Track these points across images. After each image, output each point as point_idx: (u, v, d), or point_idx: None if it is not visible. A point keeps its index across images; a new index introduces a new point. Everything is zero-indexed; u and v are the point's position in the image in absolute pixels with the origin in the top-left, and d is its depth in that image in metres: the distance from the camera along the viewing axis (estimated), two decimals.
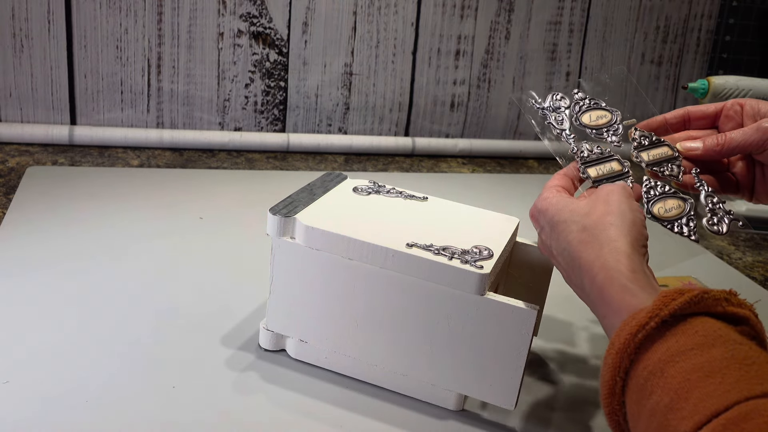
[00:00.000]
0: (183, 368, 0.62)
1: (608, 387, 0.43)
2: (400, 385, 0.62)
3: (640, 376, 0.41)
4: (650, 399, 0.39)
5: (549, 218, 0.55)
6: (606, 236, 0.50)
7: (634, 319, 0.42)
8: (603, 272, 0.48)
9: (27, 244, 0.80)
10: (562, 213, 0.54)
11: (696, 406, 0.36)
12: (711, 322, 0.41)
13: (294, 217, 0.60)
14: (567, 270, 0.53)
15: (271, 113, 1.25)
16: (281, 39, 1.21)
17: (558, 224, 0.54)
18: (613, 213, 0.51)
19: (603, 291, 0.47)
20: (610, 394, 0.43)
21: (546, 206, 0.56)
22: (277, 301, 0.63)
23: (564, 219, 0.53)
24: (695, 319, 0.41)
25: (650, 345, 0.41)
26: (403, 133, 1.33)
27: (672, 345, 0.40)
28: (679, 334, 0.40)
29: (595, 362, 0.70)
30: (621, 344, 0.42)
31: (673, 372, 0.39)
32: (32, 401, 0.56)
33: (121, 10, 1.13)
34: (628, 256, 0.48)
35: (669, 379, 0.39)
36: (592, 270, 0.49)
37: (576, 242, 0.51)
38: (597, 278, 0.48)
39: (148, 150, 1.17)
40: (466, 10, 1.29)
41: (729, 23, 1.43)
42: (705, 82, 1.02)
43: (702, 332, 0.40)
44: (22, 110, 1.14)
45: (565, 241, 0.52)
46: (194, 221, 0.91)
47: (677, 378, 0.38)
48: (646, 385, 0.40)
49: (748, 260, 1.00)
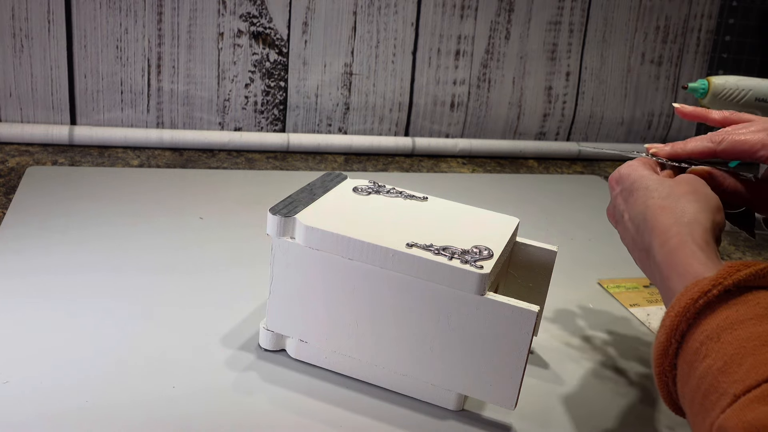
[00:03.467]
0: (183, 368, 0.62)
1: (662, 347, 0.44)
2: (400, 385, 0.62)
3: (696, 339, 0.41)
4: (703, 362, 0.40)
5: (631, 182, 0.56)
6: (688, 207, 0.51)
7: (697, 285, 0.43)
8: (677, 237, 0.49)
9: (27, 244, 0.80)
10: (646, 180, 0.55)
11: (748, 372, 0.37)
12: None
13: (294, 217, 0.60)
14: (635, 233, 0.54)
15: (271, 113, 1.25)
16: (281, 39, 1.21)
17: (639, 189, 0.55)
18: (698, 192, 0.53)
19: (673, 254, 0.48)
20: (662, 355, 0.44)
21: (630, 171, 0.57)
22: (277, 301, 0.63)
23: (647, 185, 0.55)
24: (758, 292, 0.42)
25: (710, 312, 0.42)
26: (403, 133, 1.33)
27: (731, 313, 0.41)
28: (740, 304, 0.41)
29: (595, 363, 0.70)
30: (681, 308, 0.43)
31: (730, 338, 0.39)
32: (32, 401, 0.56)
33: (121, 10, 1.13)
34: (706, 230, 0.49)
35: (725, 345, 0.39)
36: (667, 233, 0.50)
37: (655, 207, 0.52)
38: (670, 241, 0.49)
39: (148, 150, 1.17)
40: (466, 10, 1.29)
41: (729, 23, 1.43)
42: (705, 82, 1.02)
43: (763, 304, 0.41)
44: (22, 110, 1.14)
45: (644, 204, 0.53)
46: (194, 221, 0.91)
47: (733, 344, 0.39)
48: (701, 349, 0.41)
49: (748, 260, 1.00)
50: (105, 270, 0.76)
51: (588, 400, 0.64)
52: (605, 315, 0.80)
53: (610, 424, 0.61)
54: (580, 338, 0.75)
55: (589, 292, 0.85)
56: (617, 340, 0.75)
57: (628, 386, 0.67)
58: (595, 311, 0.81)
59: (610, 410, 0.63)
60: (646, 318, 0.80)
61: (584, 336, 0.75)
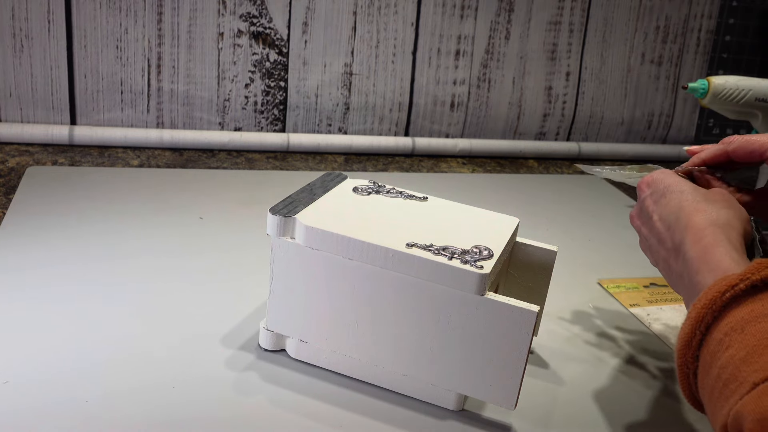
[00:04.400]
0: (183, 368, 0.62)
1: (686, 338, 0.45)
2: (400, 385, 0.62)
3: (721, 331, 0.42)
4: (726, 352, 0.41)
5: (665, 186, 0.58)
6: (723, 213, 0.53)
7: (725, 279, 0.44)
8: (713, 236, 0.50)
9: (27, 244, 0.80)
10: (681, 184, 0.57)
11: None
12: None
13: (294, 217, 0.60)
14: (666, 232, 0.55)
15: (271, 113, 1.25)
16: (281, 39, 1.21)
17: (674, 192, 0.57)
18: (731, 202, 0.55)
19: (707, 249, 0.49)
20: (686, 345, 0.45)
21: (663, 177, 0.59)
22: (277, 301, 0.63)
23: (682, 189, 0.57)
24: None
25: (736, 305, 0.43)
26: (403, 133, 1.33)
27: (757, 307, 0.42)
28: (765, 299, 0.42)
29: (595, 363, 0.70)
30: (708, 300, 0.44)
31: (754, 330, 0.40)
32: (32, 401, 0.56)
33: (121, 10, 1.13)
34: (739, 234, 0.51)
35: (748, 336, 0.40)
36: (702, 231, 0.51)
37: (691, 208, 0.54)
38: (705, 239, 0.50)
39: (148, 150, 1.17)
40: (466, 10, 1.29)
41: (729, 23, 1.43)
42: (705, 82, 1.02)
43: None
44: (22, 110, 1.14)
45: (678, 206, 0.55)
46: (194, 221, 0.91)
47: (756, 336, 0.40)
48: (724, 340, 0.42)
49: None
50: (105, 270, 0.76)
51: (588, 400, 0.64)
52: (605, 315, 0.80)
53: (610, 424, 0.62)
54: (580, 338, 0.75)
55: (589, 292, 0.85)
56: (617, 340, 0.75)
57: (629, 386, 0.67)
58: (595, 311, 0.81)
59: (610, 410, 0.63)
60: (646, 318, 0.80)
61: (584, 336, 0.75)
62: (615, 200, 1.18)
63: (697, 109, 1.48)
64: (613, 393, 0.66)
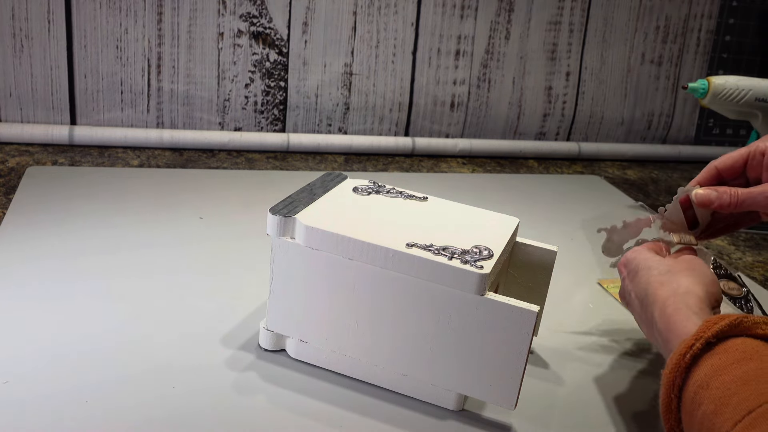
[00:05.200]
0: (183, 368, 0.62)
1: (665, 405, 0.49)
2: (400, 385, 0.62)
3: (691, 390, 0.46)
4: (700, 409, 0.45)
5: (636, 264, 0.62)
6: (684, 281, 0.56)
7: (684, 342, 0.48)
8: (674, 305, 0.54)
9: (27, 244, 0.80)
10: (649, 261, 0.61)
11: (735, 408, 0.42)
12: (749, 341, 0.47)
13: (294, 217, 0.60)
14: (641, 309, 0.60)
15: (271, 113, 1.25)
16: (281, 39, 1.21)
17: (643, 269, 0.61)
18: (695, 269, 0.59)
19: (670, 319, 0.53)
20: (667, 411, 0.49)
21: (635, 255, 0.63)
22: (277, 301, 0.63)
23: (649, 265, 0.61)
24: (735, 339, 0.47)
25: (696, 365, 0.47)
26: (403, 133, 1.33)
27: (716, 362, 0.46)
28: (722, 353, 0.46)
29: (595, 363, 0.70)
30: (673, 365, 0.48)
31: (717, 384, 0.44)
32: (32, 401, 0.56)
33: (121, 10, 1.13)
34: (700, 299, 0.55)
35: (714, 391, 0.44)
36: (665, 302, 0.55)
37: (656, 282, 0.58)
38: (668, 309, 0.54)
39: (148, 150, 1.17)
40: (466, 10, 1.29)
41: (729, 23, 1.43)
42: (705, 82, 1.02)
43: (741, 349, 0.46)
44: (22, 110, 1.14)
45: (646, 282, 0.59)
46: (194, 221, 0.91)
47: (720, 389, 0.44)
48: (695, 398, 0.45)
49: (748, 260, 1.00)
50: (105, 270, 0.76)
51: (588, 400, 0.64)
52: (605, 315, 0.80)
53: (610, 424, 0.62)
54: (580, 338, 0.75)
55: (589, 292, 0.85)
56: (617, 340, 0.75)
57: (629, 386, 0.67)
58: (595, 311, 0.81)
59: (611, 410, 0.63)
60: None
61: (584, 336, 0.75)
62: (615, 200, 1.18)
63: (697, 109, 1.48)
64: (613, 393, 0.66)
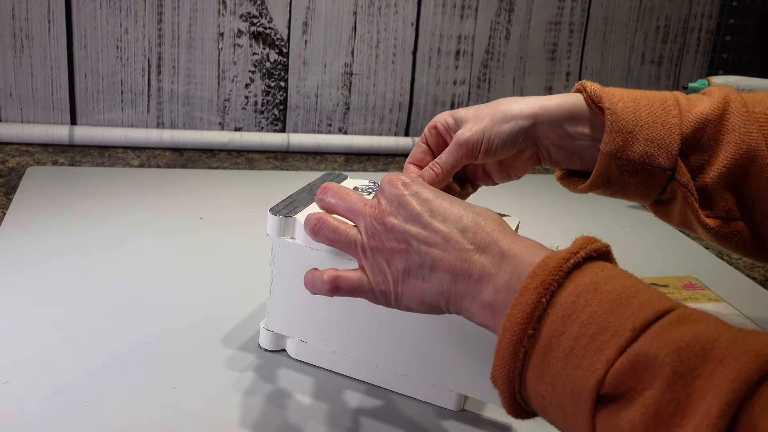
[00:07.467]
0: (183, 368, 0.62)
1: (528, 309, 0.43)
2: (400, 385, 0.62)
3: (572, 293, 0.42)
4: (585, 311, 0.41)
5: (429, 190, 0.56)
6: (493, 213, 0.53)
7: (557, 254, 0.44)
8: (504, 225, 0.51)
9: (27, 244, 0.80)
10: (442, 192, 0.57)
11: (641, 307, 0.39)
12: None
13: (294, 217, 0.60)
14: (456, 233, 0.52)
15: (271, 113, 1.25)
16: (281, 39, 1.21)
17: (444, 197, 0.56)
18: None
19: (532, 244, 0.48)
20: (527, 317, 0.43)
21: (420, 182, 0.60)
22: (277, 301, 0.63)
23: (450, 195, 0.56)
24: (607, 262, 0.45)
25: (578, 271, 0.43)
26: (403, 133, 1.33)
27: (598, 272, 0.43)
28: (600, 268, 0.44)
29: None
30: (552, 268, 0.43)
31: (608, 288, 0.41)
32: (32, 401, 0.56)
33: (121, 10, 1.13)
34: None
35: (604, 294, 0.41)
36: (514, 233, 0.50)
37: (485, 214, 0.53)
38: (505, 225, 0.51)
39: (148, 150, 1.17)
40: (466, 10, 1.29)
41: (729, 23, 1.43)
42: (705, 82, 1.02)
43: (618, 269, 0.44)
44: (22, 110, 1.14)
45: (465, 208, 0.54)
46: (194, 221, 0.91)
47: (613, 293, 0.41)
48: (578, 301, 0.41)
49: (748, 260, 1.00)
50: (105, 270, 0.76)
51: None
52: None
53: None
54: None
55: None
56: None
57: None
58: None
59: None
60: None
61: None
62: (615, 200, 1.18)
63: None
64: None
